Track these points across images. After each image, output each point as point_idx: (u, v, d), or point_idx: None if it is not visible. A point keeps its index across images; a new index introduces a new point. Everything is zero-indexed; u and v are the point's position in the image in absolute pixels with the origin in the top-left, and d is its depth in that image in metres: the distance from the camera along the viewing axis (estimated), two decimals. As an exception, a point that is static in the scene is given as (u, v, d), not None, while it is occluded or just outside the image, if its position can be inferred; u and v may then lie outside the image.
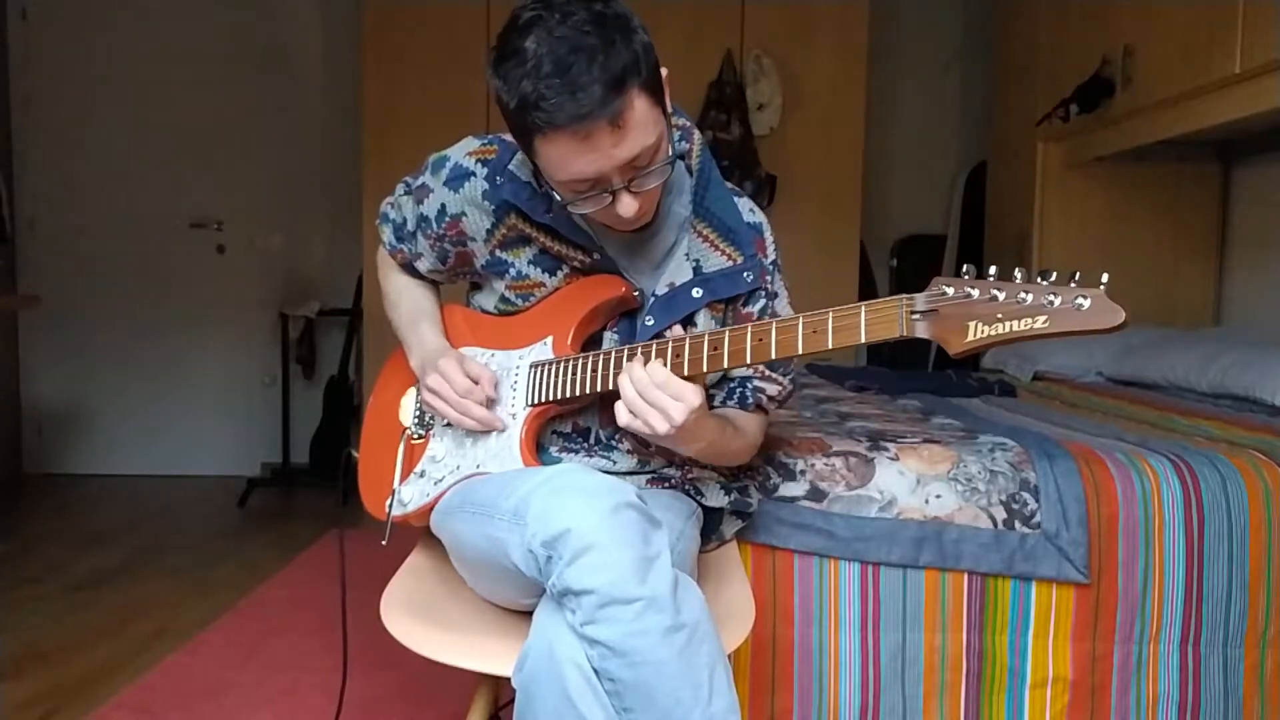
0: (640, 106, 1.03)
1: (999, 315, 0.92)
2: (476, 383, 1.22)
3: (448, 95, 3.45)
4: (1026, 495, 1.47)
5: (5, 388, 4.07)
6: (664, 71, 1.10)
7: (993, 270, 0.94)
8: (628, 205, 1.09)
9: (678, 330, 1.20)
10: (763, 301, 1.25)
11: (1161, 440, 1.70)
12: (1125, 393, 2.42)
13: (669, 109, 1.12)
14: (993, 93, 3.78)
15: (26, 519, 3.50)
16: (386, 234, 1.38)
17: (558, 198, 1.12)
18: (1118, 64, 2.70)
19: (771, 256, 1.28)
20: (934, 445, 1.55)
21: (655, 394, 1.05)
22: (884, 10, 3.86)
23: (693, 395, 1.06)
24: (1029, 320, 0.91)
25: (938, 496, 1.47)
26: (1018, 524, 1.46)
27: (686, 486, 1.29)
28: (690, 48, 3.48)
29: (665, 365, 1.09)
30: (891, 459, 1.51)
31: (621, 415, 1.07)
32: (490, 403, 1.23)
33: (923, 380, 2.57)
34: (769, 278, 1.27)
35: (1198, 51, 2.32)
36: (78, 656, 2.17)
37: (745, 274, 1.22)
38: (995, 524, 1.46)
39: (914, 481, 1.48)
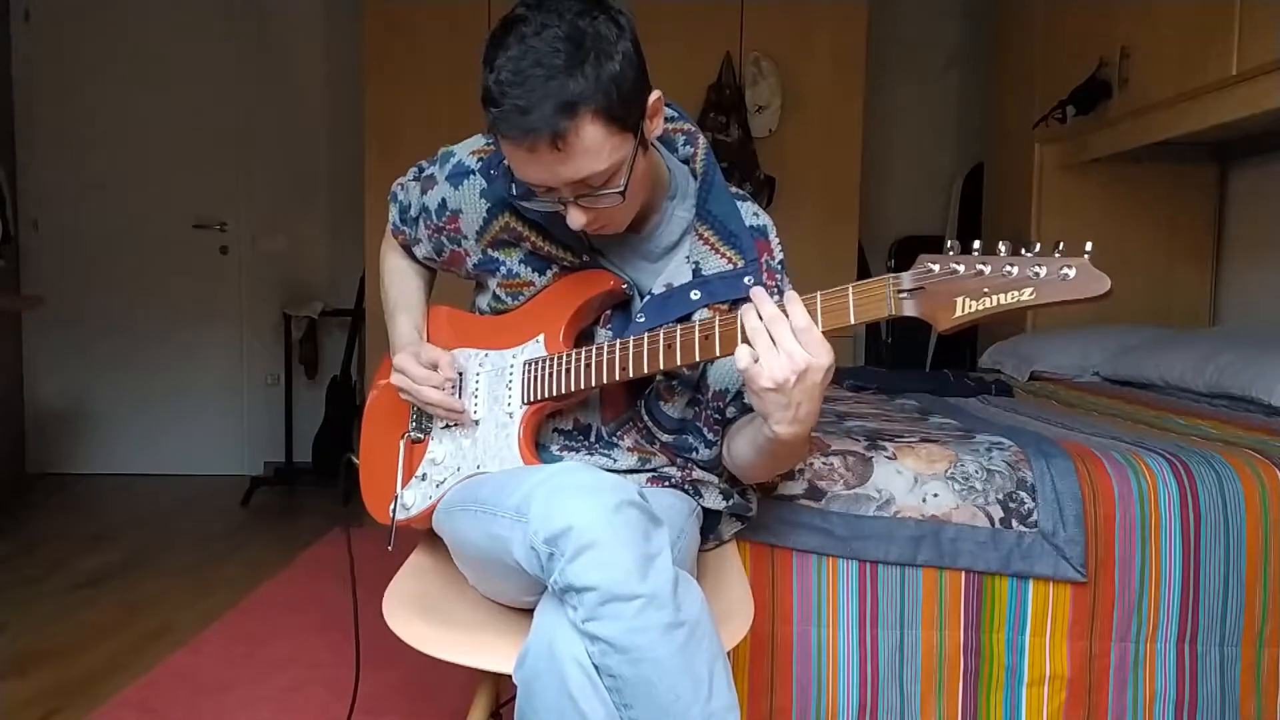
0: (591, 134, 1.02)
1: (985, 289, 0.92)
2: (435, 368, 1.24)
3: (449, 96, 3.46)
4: (1023, 494, 1.48)
5: (9, 387, 4.08)
6: (655, 95, 1.09)
7: (976, 244, 0.94)
8: (575, 218, 1.10)
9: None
10: (775, 298, 1.25)
11: (1158, 440, 1.71)
12: (1122, 392, 2.43)
13: (649, 132, 1.11)
14: (990, 95, 3.79)
15: (30, 518, 3.51)
16: (394, 213, 1.41)
17: (513, 189, 1.14)
18: (1114, 66, 2.71)
19: (779, 256, 1.28)
20: (931, 445, 1.56)
21: (783, 332, 0.99)
22: (882, 13, 3.87)
23: (826, 354, 0.99)
24: (1015, 293, 0.91)
25: (935, 495, 1.48)
26: (1015, 523, 1.47)
27: (687, 486, 1.30)
28: (689, 50, 3.49)
29: (655, 350, 1.10)
30: (889, 458, 1.52)
31: (742, 358, 1.00)
32: (449, 385, 1.25)
33: (920, 380, 2.57)
34: (778, 277, 1.27)
35: (1194, 53, 2.33)
36: (81, 655, 2.18)
37: (745, 278, 1.22)
38: (992, 523, 1.47)
39: (911, 480, 1.49)
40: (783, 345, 0.99)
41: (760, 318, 1.00)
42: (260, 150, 4.16)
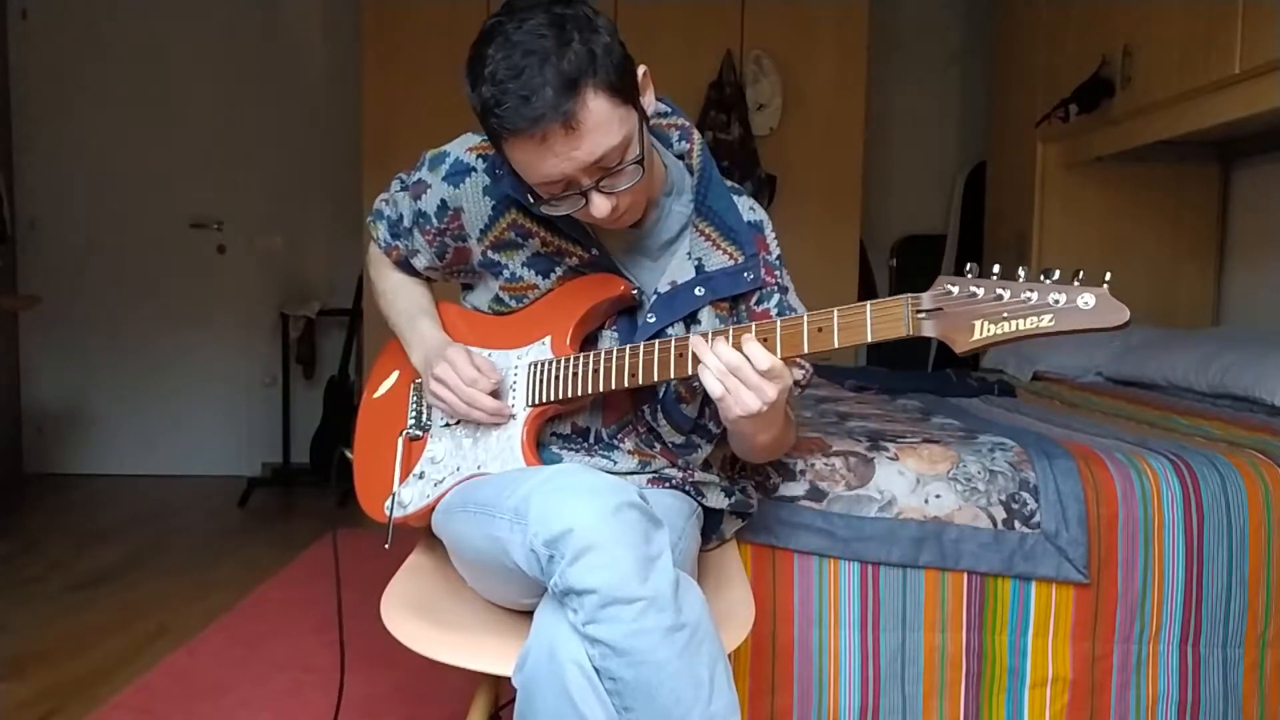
0: (598, 107, 1.03)
1: (1004, 314, 0.93)
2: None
3: (447, 95, 3.41)
4: (1026, 495, 1.48)
5: (5, 387, 4.07)
6: (642, 69, 1.10)
7: (996, 269, 0.95)
8: (599, 206, 1.09)
9: (680, 329, 1.20)
10: (777, 297, 1.26)
11: (1161, 440, 1.71)
12: (1125, 393, 2.42)
13: (645, 107, 1.12)
14: (992, 93, 3.79)
15: (27, 519, 3.50)
16: (381, 230, 1.37)
17: (530, 201, 1.13)
18: (1117, 64, 2.70)
19: (775, 252, 1.28)
20: (934, 445, 1.56)
21: (750, 374, 1.03)
22: (884, 10, 3.86)
23: (787, 375, 1.06)
24: (1034, 319, 0.92)
25: (937, 496, 1.47)
26: (1017, 524, 1.47)
27: (687, 487, 1.29)
28: (690, 48, 3.48)
29: (665, 358, 1.10)
30: (891, 459, 1.51)
31: (715, 388, 1.05)
32: (496, 393, 1.23)
33: (922, 380, 2.57)
34: (777, 273, 1.27)
35: (1197, 52, 2.33)
36: (78, 656, 2.18)
37: (746, 273, 1.22)
38: (995, 524, 1.47)
39: (914, 481, 1.48)
40: (749, 383, 1.04)
41: (719, 359, 1.04)
42: (257, 149, 4.14)
